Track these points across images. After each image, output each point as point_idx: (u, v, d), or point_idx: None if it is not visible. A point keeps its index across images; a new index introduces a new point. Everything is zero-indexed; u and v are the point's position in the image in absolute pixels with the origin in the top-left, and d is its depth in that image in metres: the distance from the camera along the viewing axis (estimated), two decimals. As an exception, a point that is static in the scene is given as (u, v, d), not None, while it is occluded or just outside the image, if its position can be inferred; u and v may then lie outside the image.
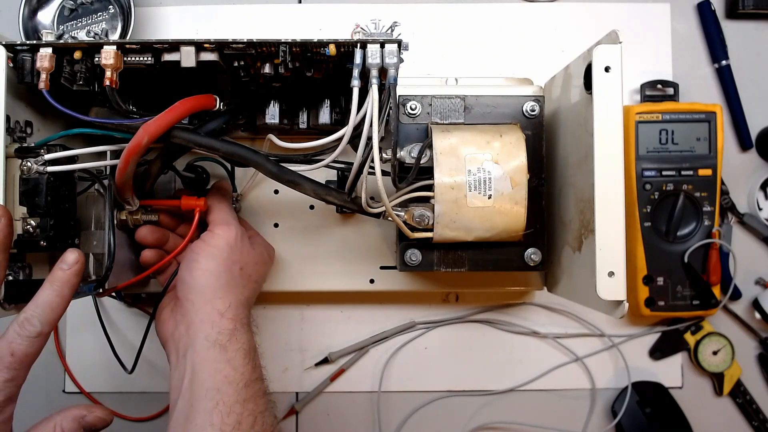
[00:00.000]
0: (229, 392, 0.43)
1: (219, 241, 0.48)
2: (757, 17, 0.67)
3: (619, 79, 0.41)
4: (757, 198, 0.66)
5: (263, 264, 0.53)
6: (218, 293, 0.47)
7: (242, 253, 0.49)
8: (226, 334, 0.45)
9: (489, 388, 0.65)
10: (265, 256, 0.53)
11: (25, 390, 0.65)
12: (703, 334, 0.65)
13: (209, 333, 0.45)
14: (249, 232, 0.54)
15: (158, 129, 0.41)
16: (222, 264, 0.47)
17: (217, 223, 0.50)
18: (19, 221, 0.42)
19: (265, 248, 0.54)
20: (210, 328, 0.45)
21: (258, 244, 0.53)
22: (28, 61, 0.41)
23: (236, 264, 0.48)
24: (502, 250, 0.50)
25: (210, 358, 0.44)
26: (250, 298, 0.50)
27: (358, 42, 0.40)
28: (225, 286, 0.47)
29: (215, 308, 0.46)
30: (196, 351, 0.45)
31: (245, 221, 0.57)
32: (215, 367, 0.44)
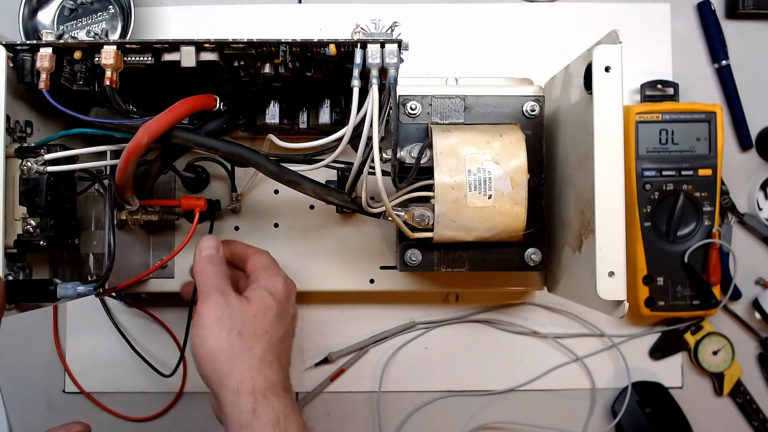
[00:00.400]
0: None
1: (203, 321, 0.43)
2: (757, 17, 0.67)
3: (619, 79, 0.41)
4: (757, 198, 0.66)
5: (265, 310, 0.45)
6: (224, 372, 0.43)
7: (232, 317, 0.44)
8: (248, 414, 0.42)
9: (489, 388, 0.65)
10: (267, 299, 0.46)
11: (26, 390, 0.66)
12: (703, 334, 0.65)
13: (234, 418, 0.42)
14: (238, 279, 0.50)
15: (158, 129, 0.41)
16: (214, 343, 0.43)
17: (200, 301, 0.45)
18: (19, 221, 0.42)
19: (267, 288, 0.47)
20: (233, 412, 0.42)
21: (254, 289, 0.47)
22: (28, 61, 0.41)
23: (231, 332, 0.43)
24: (502, 250, 0.50)
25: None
26: (267, 354, 0.44)
27: (358, 42, 0.40)
28: (228, 361, 0.43)
29: (230, 389, 0.42)
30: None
31: (235, 254, 0.51)
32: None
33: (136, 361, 0.64)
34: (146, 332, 0.65)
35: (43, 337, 0.66)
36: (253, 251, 0.50)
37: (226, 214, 0.58)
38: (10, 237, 0.42)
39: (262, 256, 0.50)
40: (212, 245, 0.48)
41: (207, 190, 0.58)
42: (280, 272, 0.49)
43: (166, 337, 0.65)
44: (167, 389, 0.65)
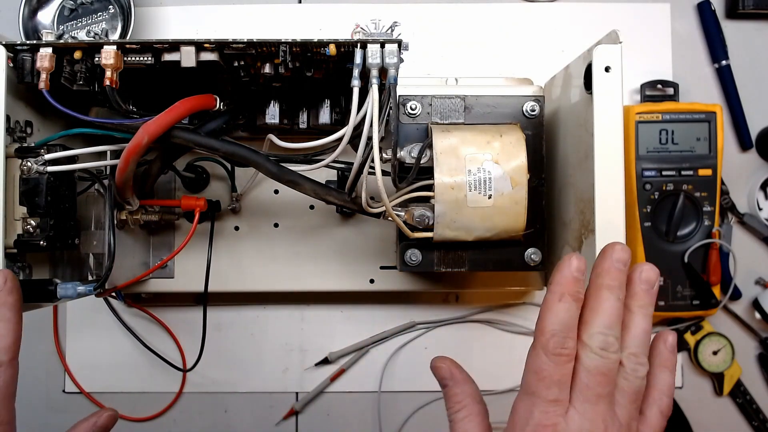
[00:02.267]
0: None
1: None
2: (757, 17, 0.67)
3: (619, 79, 0.41)
4: (757, 198, 0.66)
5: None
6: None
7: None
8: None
9: (489, 388, 0.65)
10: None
11: (26, 390, 0.66)
12: (703, 334, 0.65)
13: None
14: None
15: (158, 129, 0.41)
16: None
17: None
18: (19, 221, 0.42)
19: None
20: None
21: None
22: (28, 61, 0.41)
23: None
24: (502, 250, 0.50)
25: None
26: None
27: (358, 42, 0.40)
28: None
29: None
30: None
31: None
32: None
33: (136, 361, 0.64)
34: (146, 332, 0.65)
35: (43, 337, 0.66)
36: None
37: (226, 214, 0.58)
38: (10, 237, 0.42)
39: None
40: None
41: (207, 190, 0.58)
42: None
43: (166, 337, 0.65)
44: (167, 389, 0.65)
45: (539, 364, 0.35)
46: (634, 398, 0.34)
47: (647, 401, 0.35)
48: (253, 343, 0.65)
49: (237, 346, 0.65)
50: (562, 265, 0.35)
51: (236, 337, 0.65)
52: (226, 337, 0.65)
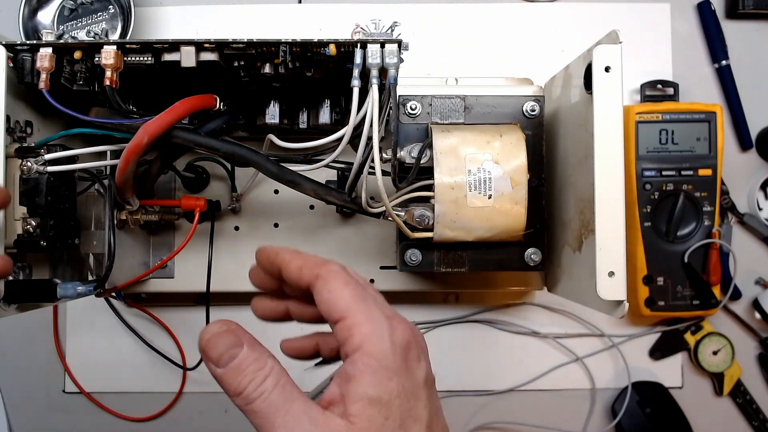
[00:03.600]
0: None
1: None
2: (757, 17, 0.67)
3: (619, 79, 0.41)
4: (757, 198, 0.66)
5: (384, 422, 0.28)
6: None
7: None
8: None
9: (489, 388, 0.65)
10: (383, 396, 0.28)
11: (26, 390, 0.66)
12: (703, 334, 0.65)
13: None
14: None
15: (158, 129, 0.41)
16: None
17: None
18: (19, 221, 0.42)
19: (375, 374, 0.28)
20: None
21: (354, 385, 0.28)
22: (28, 61, 0.41)
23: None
24: (502, 250, 0.50)
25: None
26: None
27: (358, 42, 0.40)
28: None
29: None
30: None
31: (292, 278, 0.32)
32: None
33: (136, 361, 0.64)
34: (146, 332, 0.65)
35: (43, 337, 0.66)
36: (312, 274, 0.31)
37: (226, 214, 0.58)
38: (10, 237, 0.42)
39: (334, 289, 0.30)
40: (225, 344, 0.30)
41: (207, 190, 0.58)
42: (376, 318, 0.30)
43: (166, 337, 0.65)
44: (167, 389, 0.65)
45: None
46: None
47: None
48: (253, 343, 0.65)
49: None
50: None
51: (236, 337, 0.65)
52: (226, 337, 0.65)
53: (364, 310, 0.30)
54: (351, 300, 0.30)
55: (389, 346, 0.29)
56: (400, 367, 0.29)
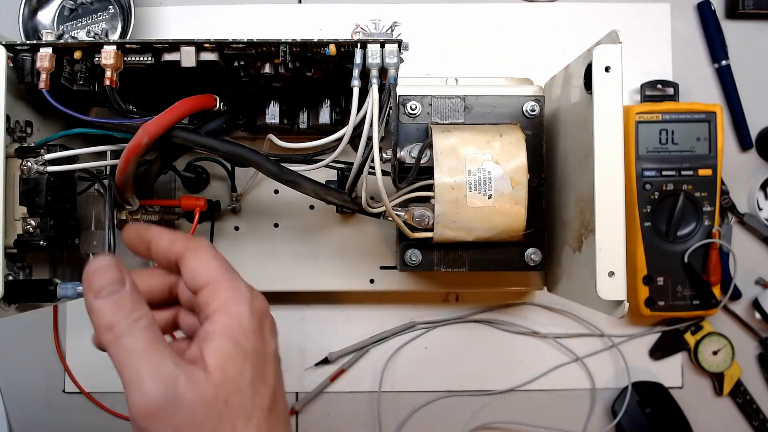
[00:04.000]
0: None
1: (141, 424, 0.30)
2: (757, 17, 0.67)
3: (619, 79, 0.41)
4: (757, 198, 0.66)
5: (237, 377, 0.30)
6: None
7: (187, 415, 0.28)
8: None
9: (489, 388, 0.65)
10: (234, 354, 0.30)
11: (26, 390, 0.66)
12: (703, 334, 0.65)
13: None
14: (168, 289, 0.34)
15: (158, 129, 0.41)
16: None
17: (126, 387, 0.30)
18: (19, 221, 0.42)
19: (230, 333, 0.31)
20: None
21: (210, 340, 0.30)
22: (28, 61, 0.41)
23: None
24: (502, 250, 0.50)
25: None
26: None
27: (358, 42, 0.40)
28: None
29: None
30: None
31: (160, 255, 0.34)
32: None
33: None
34: (146, 332, 0.65)
35: (43, 337, 0.66)
36: (182, 246, 0.33)
37: (226, 214, 0.58)
38: (10, 237, 0.42)
39: (203, 258, 0.32)
40: (110, 278, 0.30)
41: (207, 190, 0.58)
42: (239, 286, 0.33)
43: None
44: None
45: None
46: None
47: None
48: (253, 343, 0.65)
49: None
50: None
51: (236, 337, 0.65)
52: None
53: (228, 279, 0.32)
54: (217, 269, 0.32)
55: (248, 309, 0.31)
56: (256, 331, 0.31)
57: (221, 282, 0.32)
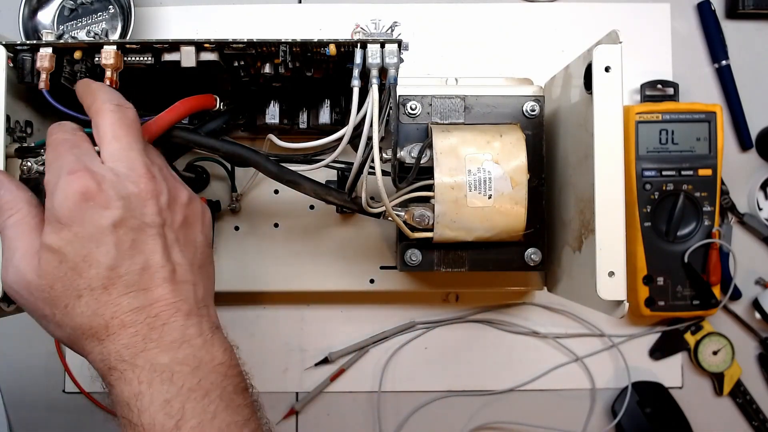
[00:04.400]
0: None
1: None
2: (757, 17, 0.67)
3: (619, 79, 0.41)
4: (757, 198, 0.66)
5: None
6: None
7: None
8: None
9: (489, 388, 0.65)
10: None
11: (26, 390, 0.66)
12: (703, 334, 0.65)
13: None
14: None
15: (158, 129, 0.41)
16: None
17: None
18: (19, 221, 0.42)
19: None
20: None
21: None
22: (28, 61, 0.41)
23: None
24: (502, 250, 0.50)
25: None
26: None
27: (358, 42, 0.40)
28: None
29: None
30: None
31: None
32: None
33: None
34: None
35: (43, 337, 0.65)
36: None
37: (226, 214, 0.58)
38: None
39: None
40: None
41: (207, 190, 0.58)
42: (58, 169, 0.34)
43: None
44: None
45: (56, 142, 0.36)
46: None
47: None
48: (253, 343, 0.65)
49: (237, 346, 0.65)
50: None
51: (236, 337, 0.65)
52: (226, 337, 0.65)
53: (52, 160, 0.35)
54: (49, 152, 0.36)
55: (61, 197, 0.33)
56: (73, 217, 0.33)
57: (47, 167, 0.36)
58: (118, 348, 0.33)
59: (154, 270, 0.34)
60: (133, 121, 0.37)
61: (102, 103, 0.36)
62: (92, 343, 0.33)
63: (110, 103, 0.36)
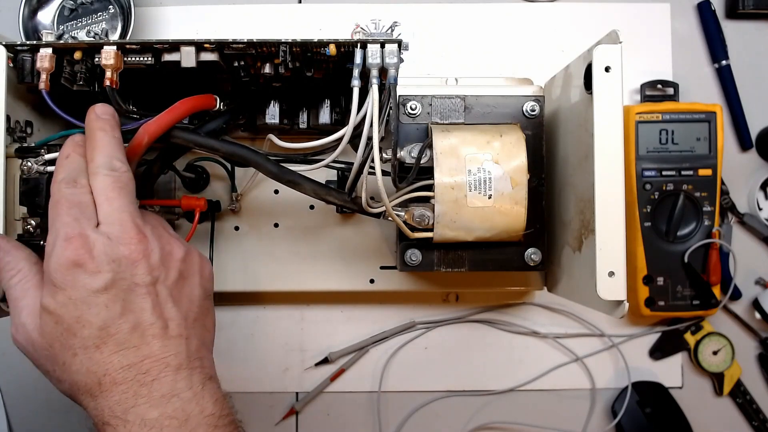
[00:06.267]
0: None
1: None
2: (757, 17, 0.67)
3: (619, 79, 0.41)
4: (757, 198, 0.66)
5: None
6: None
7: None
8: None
9: (489, 388, 0.65)
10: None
11: (26, 390, 0.66)
12: (703, 334, 0.65)
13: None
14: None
15: (158, 129, 0.41)
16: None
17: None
18: (19, 221, 0.42)
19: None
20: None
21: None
22: (28, 61, 0.41)
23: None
24: (502, 250, 0.50)
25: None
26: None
27: (358, 42, 0.40)
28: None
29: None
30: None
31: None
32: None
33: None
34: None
35: (43, 337, 0.65)
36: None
37: (226, 214, 0.58)
38: (10, 237, 0.42)
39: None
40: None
41: (207, 190, 0.58)
42: (54, 232, 0.37)
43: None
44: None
45: (58, 197, 0.37)
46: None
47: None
48: (253, 343, 0.65)
49: (237, 346, 0.65)
50: (68, 140, 0.40)
51: (236, 337, 0.65)
52: (226, 337, 0.65)
53: (52, 219, 0.37)
54: (50, 207, 0.37)
55: (55, 263, 0.35)
56: (65, 282, 0.35)
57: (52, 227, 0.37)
58: (111, 404, 0.34)
59: (144, 327, 0.36)
60: (126, 184, 0.38)
61: (96, 167, 0.37)
62: (87, 398, 0.35)
63: (104, 168, 0.37)
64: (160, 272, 0.37)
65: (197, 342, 0.38)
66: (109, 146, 0.38)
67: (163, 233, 0.39)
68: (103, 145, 0.38)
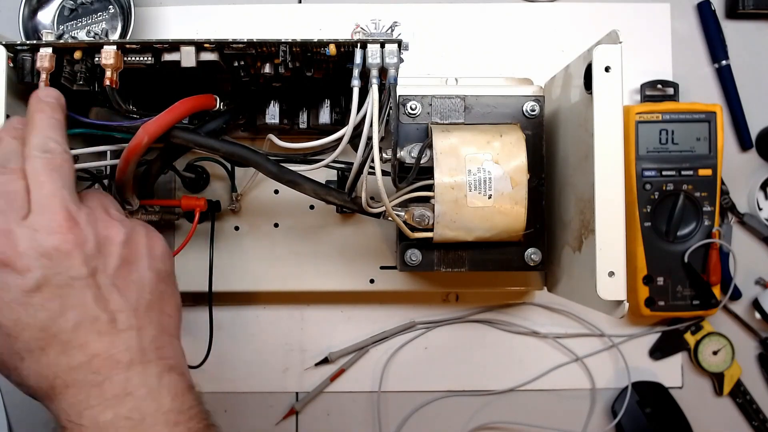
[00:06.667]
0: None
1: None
2: (757, 17, 0.67)
3: (619, 79, 0.41)
4: (757, 198, 0.66)
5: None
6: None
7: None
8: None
9: (489, 388, 0.65)
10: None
11: (25, 390, 0.65)
12: (703, 334, 0.65)
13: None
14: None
15: (158, 129, 0.41)
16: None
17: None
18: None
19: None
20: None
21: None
22: (28, 61, 0.41)
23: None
24: (502, 250, 0.50)
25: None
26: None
27: (358, 42, 0.40)
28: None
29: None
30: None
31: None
32: None
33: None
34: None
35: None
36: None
37: (226, 214, 0.58)
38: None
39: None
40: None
41: (207, 190, 0.58)
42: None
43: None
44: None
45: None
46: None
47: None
48: (253, 343, 0.65)
49: (237, 346, 0.65)
50: (5, 123, 0.38)
51: (236, 337, 0.65)
52: (226, 337, 0.65)
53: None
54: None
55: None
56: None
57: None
58: (65, 407, 0.32)
59: (88, 324, 0.33)
60: (60, 165, 0.35)
61: (30, 149, 0.35)
62: (46, 401, 0.33)
63: (37, 149, 0.35)
64: (98, 261, 0.34)
65: (154, 331, 0.35)
66: (47, 127, 0.36)
67: (101, 216, 0.36)
68: (40, 127, 0.36)
